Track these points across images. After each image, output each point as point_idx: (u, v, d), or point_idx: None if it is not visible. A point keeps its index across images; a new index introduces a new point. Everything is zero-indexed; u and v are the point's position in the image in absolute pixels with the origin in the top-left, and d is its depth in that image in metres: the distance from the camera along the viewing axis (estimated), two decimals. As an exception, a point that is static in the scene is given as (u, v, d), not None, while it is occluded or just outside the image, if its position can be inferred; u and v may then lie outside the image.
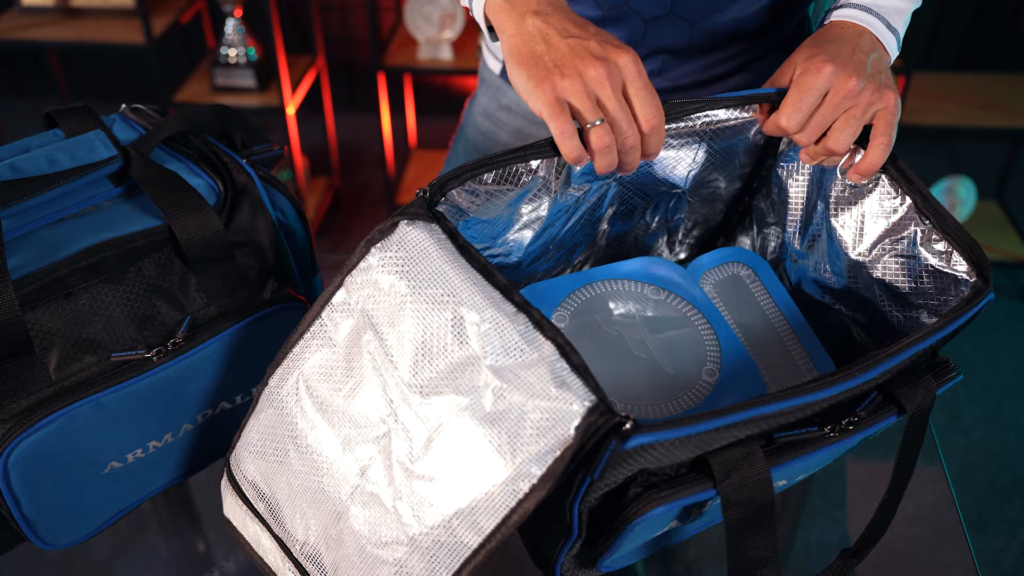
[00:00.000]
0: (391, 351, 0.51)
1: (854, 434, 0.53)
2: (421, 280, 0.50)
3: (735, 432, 0.49)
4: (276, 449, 0.58)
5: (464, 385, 0.48)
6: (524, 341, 0.46)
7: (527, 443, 0.45)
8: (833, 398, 0.51)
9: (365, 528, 0.52)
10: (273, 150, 0.74)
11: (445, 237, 0.52)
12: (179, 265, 0.63)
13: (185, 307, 0.63)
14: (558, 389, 0.44)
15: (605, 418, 0.43)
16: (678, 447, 0.47)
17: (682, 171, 0.72)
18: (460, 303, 0.49)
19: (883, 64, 0.63)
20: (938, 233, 0.61)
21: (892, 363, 0.52)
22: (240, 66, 2.12)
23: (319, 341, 0.55)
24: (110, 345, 0.60)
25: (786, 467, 0.52)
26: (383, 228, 0.52)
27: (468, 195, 0.60)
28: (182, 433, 0.66)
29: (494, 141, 0.94)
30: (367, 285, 0.52)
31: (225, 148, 0.70)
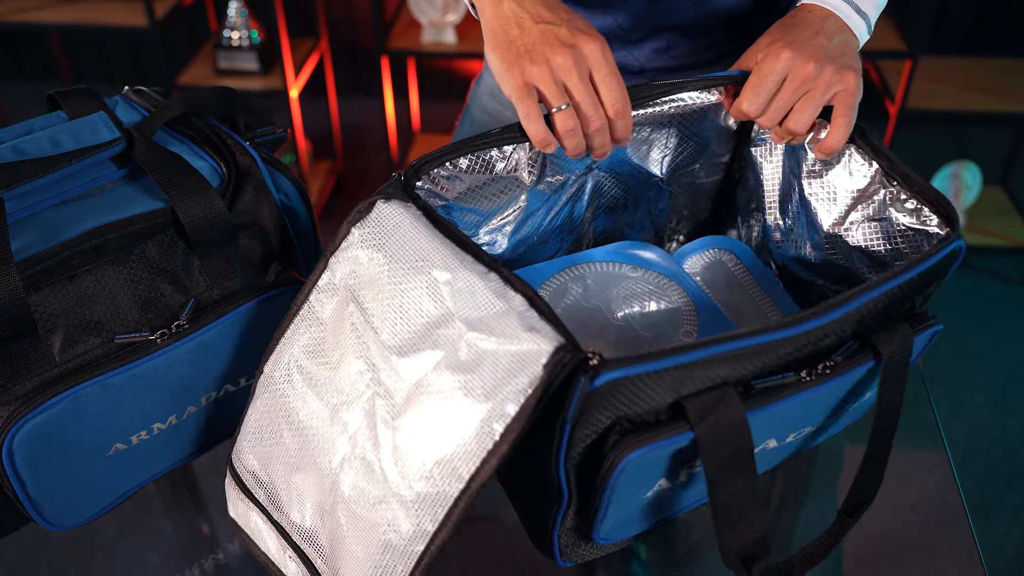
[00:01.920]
0: (372, 318, 0.53)
1: (831, 379, 0.54)
2: (396, 250, 0.53)
3: (708, 372, 0.50)
4: (272, 432, 0.59)
5: (439, 340, 0.50)
6: (495, 295, 0.49)
7: (499, 385, 0.46)
8: (805, 337, 0.52)
9: (355, 493, 0.53)
10: (276, 133, 0.74)
11: (420, 214, 0.55)
12: (182, 247, 0.63)
13: (189, 289, 0.63)
14: (527, 333, 0.47)
15: (572, 355, 0.45)
16: (650, 386, 0.48)
17: (656, 156, 0.73)
18: (433, 266, 0.51)
19: (848, 47, 0.65)
20: (906, 192, 0.63)
21: (862, 300, 0.53)
22: (243, 49, 2.11)
23: (307, 323, 0.57)
24: (114, 327, 0.60)
25: (764, 412, 0.52)
26: (361, 208, 0.55)
27: (446, 181, 0.63)
28: (186, 415, 0.66)
29: (500, 121, 0.94)
30: (348, 261, 0.55)
31: (228, 131, 0.69)
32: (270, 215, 0.67)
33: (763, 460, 0.61)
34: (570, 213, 0.73)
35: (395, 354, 0.51)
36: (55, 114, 0.68)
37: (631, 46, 0.82)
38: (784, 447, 0.61)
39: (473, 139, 0.63)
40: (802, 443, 0.63)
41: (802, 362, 0.54)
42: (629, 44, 0.81)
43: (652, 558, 0.68)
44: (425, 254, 0.52)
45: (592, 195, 0.74)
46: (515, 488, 0.63)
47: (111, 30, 2.06)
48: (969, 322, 2.04)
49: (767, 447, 0.59)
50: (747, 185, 0.78)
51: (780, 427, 0.57)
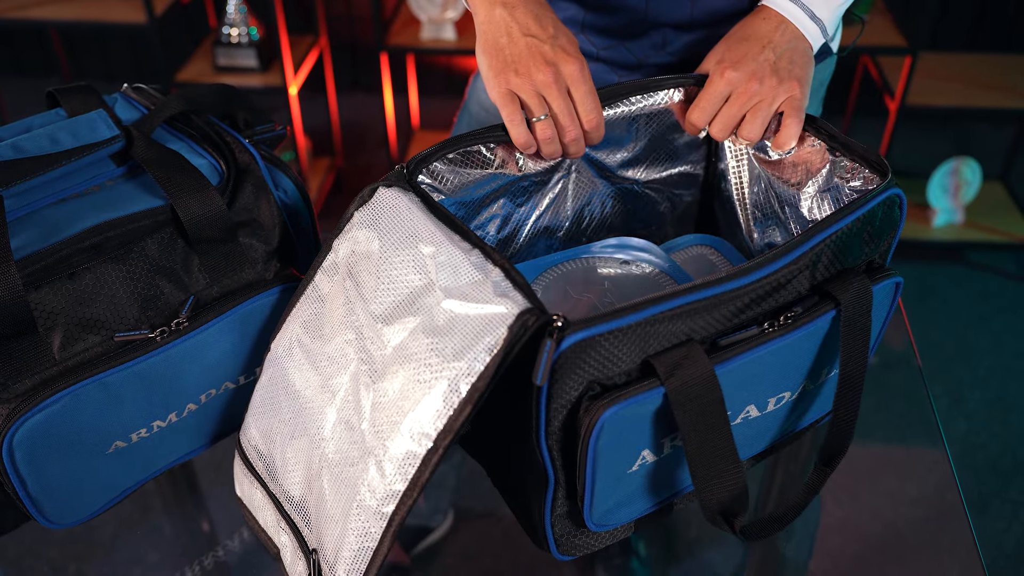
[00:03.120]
0: (363, 290, 0.56)
1: (793, 330, 0.56)
2: (389, 228, 0.57)
3: (672, 327, 0.52)
4: (272, 404, 0.61)
5: (419, 307, 0.53)
6: (474, 268, 0.52)
7: (468, 347, 0.49)
8: (761, 286, 0.54)
9: (338, 457, 0.55)
10: (276, 130, 0.74)
11: (417, 199, 0.58)
12: (182, 245, 0.63)
13: (188, 287, 0.63)
14: (498, 298, 0.49)
15: (536, 317, 0.48)
16: (617, 346, 0.50)
17: (627, 157, 0.77)
18: (420, 241, 0.55)
19: (798, 54, 0.70)
20: (847, 159, 0.67)
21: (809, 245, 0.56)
22: (242, 46, 2.11)
23: (310, 300, 0.60)
24: (114, 325, 0.60)
25: (732, 366, 0.54)
26: (364, 194, 0.59)
27: (443, 175, 0.66)
28: (186, 413, 0.66)
29: (497, 117, 0.93)
30: (349, 241, 0.59)
31: (227, 128, 0.69)
32: (269, 212, 0.67)
33: (751, 435, 0.62)
34: (555, 214, 0.76)
35: (380, 321, 0.54)
36: (54, 111, 0.68)
37: (628, 41, 0.82)
38: (769, 419, 0.62)
39: (466, 136, 0.66)
40: (791, 417, 0.64)
41: (764, 316, 0.56)
42: (626, 39, 0.82)
43: (651, 554, 0.68)
44: (415, 231, 0.55)
45: (575, 197, 0.77)
46: (509, 486, 0.64)
47: (110, 27, 2.05)
48: (968, 318, 2.04)
49: (749, 416, 0.60)
50: (723, 196, 0.81)
51: (755, 389, 0.59)
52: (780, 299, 0.56)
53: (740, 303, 0.54)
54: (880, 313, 0.63)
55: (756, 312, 0.55)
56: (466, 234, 0.55)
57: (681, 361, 0.52)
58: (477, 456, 0.67)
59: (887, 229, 0.62)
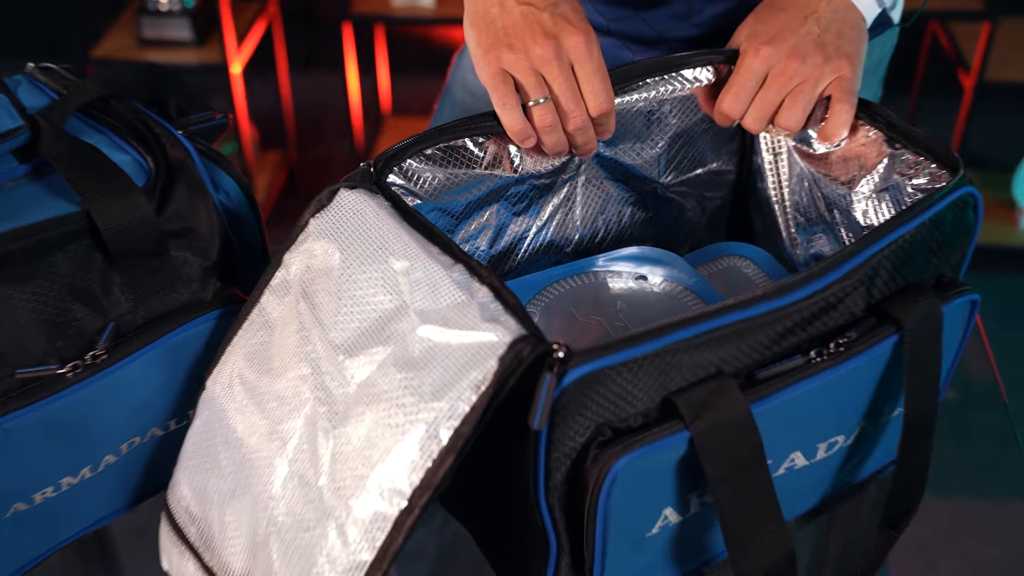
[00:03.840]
0: (321, 314, 0.56)
1: (847, 359, 0.56)
2: (353, 238, 0.57)
3: (698, 358, 0.52)
4: (208, 455, 0.61)
5: (390, 335, 0.53)
6: (457, 287, 0.52)
7: (450, 383, 0.49)
8: (806, 306, 0.54)
9: (289, 520, 0.55)
10: (215, 119, 0.74)
11: (387, 203, 0.58)
12: (100, 260, 0.63)
13: (107, 311, 0.63)
14: (486, 323, 0.49)
15: (532, 346, 0.48)
16: (631, 381, 0.50)
17: (650, 156, 0.77)
18: (391, 254, 0.55)
19: (847, 26, 0.70)
20: (908, 152, 0.67)
21: (865, 255, 0.56)
22: (173, 14, 2.12)
23: (255, 327, 0.60)
24: (14, 359, 0.60)
25: (773, 405, 0.54)
26: (322, 198, 0.60)
27: (419, 175, 0.66)
28: (103, 467, 0.66)
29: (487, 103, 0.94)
30: (303, 255, 0.59)
31: (156, 117, 0.70)
32: (207, 219, 0.67)
33: (798, 489, 0.62)
34: (561, 225, 0.77)
35: (342, 353, 0.54)
36: (-58, 98, 0.68)
37: (645, 11, 0.82)
38: (820, 469, 0.62)
39: (449, 127, 0.66)
40: (846, 466, 0.64)
41: (811, 342, 0.56)
42: (643, 8, 0.82)
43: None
44: (384, 242, 0.56)
45: (585, 205, 0.77)
46: (501, 555, 0.64)
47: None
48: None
49: (795, 465, 0.60)
50: (760, 198, 0.81)
51: (802, 432, 0.58)
52: (830, 322, 0.56)
53: (781, 327, 0.54)
54: (953, 338, 0.63)
55: (801, 338, 0.56)
56: (447, 246, 0.55)
57: (710, 399, 0.52)
58: (461, 518, 0.67)
59: (959, 236, 0.62)
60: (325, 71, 2.72)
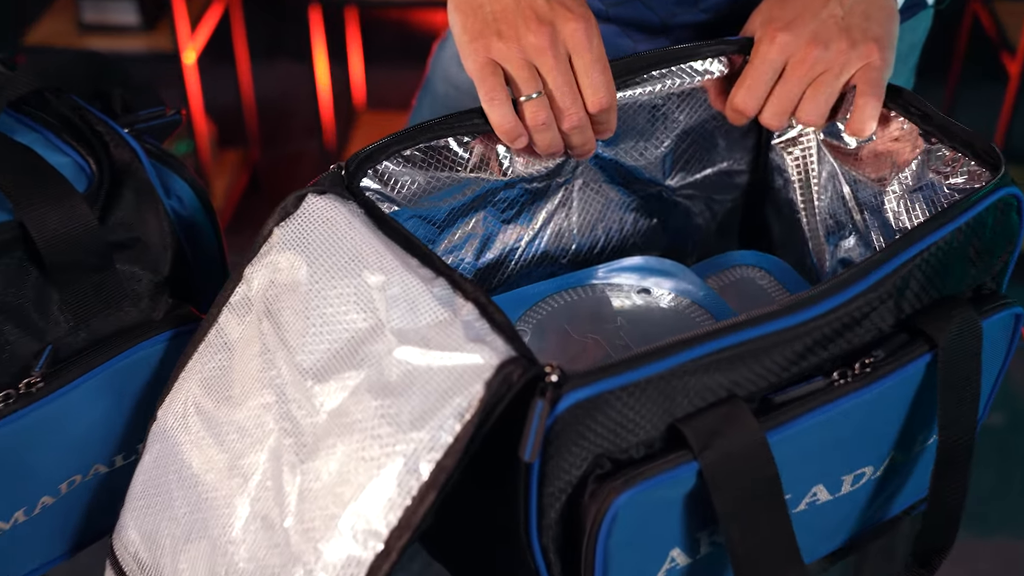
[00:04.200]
0: (287, 335, 0.57)
1: (874, 381, 0.56)
2: (323, 250, 0.57)
3: (707, 380, 0.52)
4: (160, 494, 0.61)
5: (364, 357, 0.53)
6: (439, 303, 0.52)
7: (431, 411, 0.49)
8: (828, 322, 0.55)
9: (251, 566, 0.54)
10: (167, 115, 0.74)
11: (360, 211, 0.59)
12: (35, 275, 0.63)
13: (44, 333, 0.63)
14: (472, 343, 0.50)
15: (523, 369, 0.48)
16: (633, 406, 0.51)
17: (654, 156, 0.77)
18: (364, 267, 0.55)
19: (873, 8, 0.69)
20: (945, 147, 0.67)
21: (895, 264, 0.56)
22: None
23: (213, 350, 0.60)
24: (-60, 387, 0.60)
25: (791, 432, 0.54)
26: (287, 204, 0.60)
27: (397, 179, 0.66)
28: (39, 509, 0.66)
29: (472, 97, 0.93)
30: (267, 269, 0.59)
31: (99, 113, 0.70)
32: (158, 229, 0.67)
33: (821, 526, 0.62)
34: (556, 234, 0.77)
35: (310, 378, 0.54)
36: None
37: None
38: (845, 504, 0.62)
39: (430, 125, 0.66)
40: (875, 501, 0.64)
41: (834, 362, 0.56)
42: None
43: None
44: (357, 254, 0.56)
45: (583, 211, 0.78)
46: None
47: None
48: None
49: (816, 500, 0.60)
50: (777, 199, 0.82)
51: (824, 463, 0.58)
52: (855, 340, 0.57)
53: (801, 346, 0.54)
54: (995, 357, 0.63)
55: (822, 358, 0.56)
56: (427, 258, 0.55)
57: (721, 426, 0.52)
58: (445, 560, 0.67)
59: (1001, 242, 0.62)
60: (291, 60, 2.72)
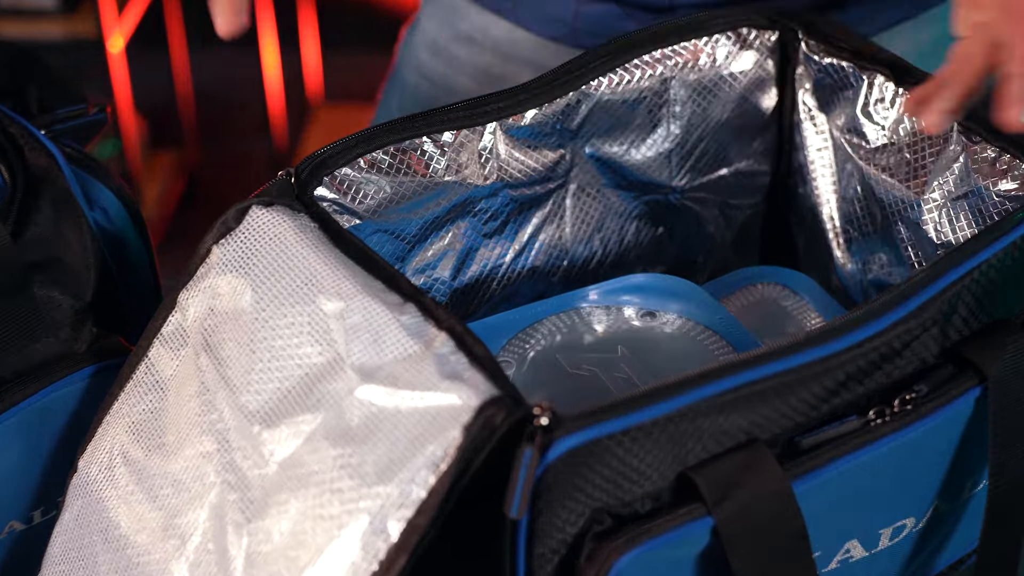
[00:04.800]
0: (229, 372, 0.56)
1: (917, 420, 0.56)
2: (270, 271, 0.57)
3: (723, 422, 0.52)
4: (82, 556, 0.60)
5: (319, 397, 0.53)
6: (408, 333, 0.52)
7: (400, 461, 0.49)
8: (863, 352, 0.54)
9: None
10: (90, 113, 0.74)
11: (313, 225, 0.58)
12: (-63, 302, 0.63)
13: (-52, 370, 0.63)
14: (446, 381, 0.49)
15: (507, 411, 0.47)
16: (637, 453, 0.50)
17: (659, 152, 0.77)
18: (320, 292, 0.55)
19: None
20: (990, 146, 0.67)
21: (940, 286, 0.56)
22: (33, -26, 2.12)
23: (143, 390, 0.60)
24: None
25: (821, 481, 0.54)
26: (228, 218, 0.59)
27: (360, 187, 0.66)
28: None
29: (447, 89, 0.95)
30: (205, 295, 0.59)
31: (10, 113, 0.70)
32: (80, 247, 0.67)
33: None
34: (547, 247, 0.77)
35: (257, 423, 0.54)
36: None
37: None
38: (882, 561, 0.62)
39: (400, 123, 0.67)
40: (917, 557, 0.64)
41: (870, 399, 0.56)
42: None
43: None
44: (311, 276, 0.56)
45: (578, 220, 0.78)
46: None
47: None
48: None
49: (850, 557, 0.60)
50: (802, 206, 0.82)
51: (859, 515, 0.58)
52: (895, 373, 0.57)
53: (833, 381, 0.55)
54: None
55: (857, 394, 0.56)
56: (394, 280, 0.55)
57: (739, 475, 0.52)
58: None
59: None
60: (234, 46, 2.71)
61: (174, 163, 2.42)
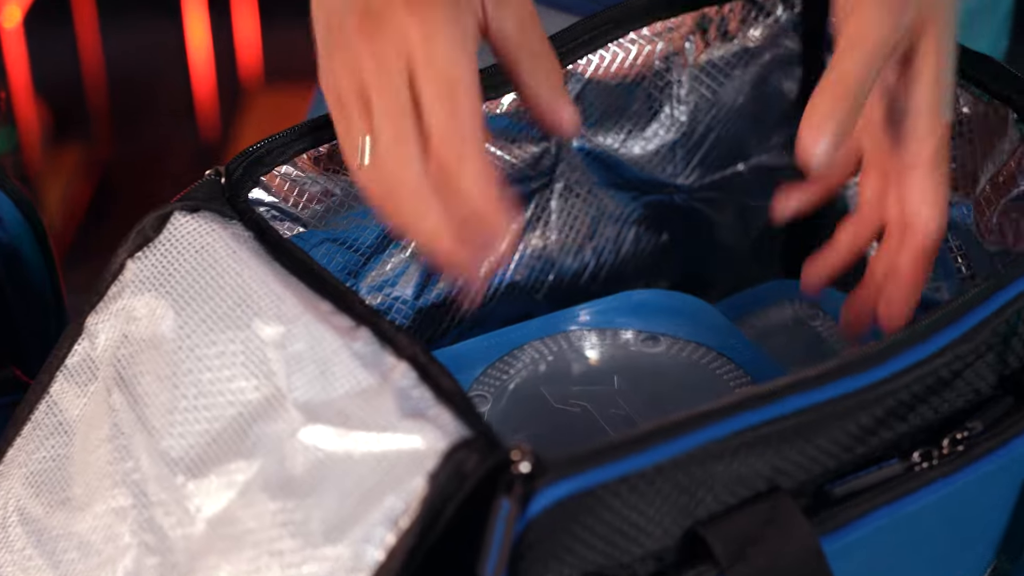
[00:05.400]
0: (147, 414, 0.56)
1: (971, 463, 0.56)
2: (195, 291, 0.57)
3: (740, 467, 0.52)
4: None
5: (255, 441, 0.53)
6: (360, 363, 0.52)
7: (352, 516, 0.48)
8: (906, 384, 0.54)
9: None
10: (-22, 101, 0.75)
11: (248, 234, 0.59)
12: None
13: None
14: (408, 421, 0.49)
15: (480, 455, 0.47)
16: (637, 504, 0.50)
17: (661, 146, 0.78)
18: (255, 315, 0.55)
19: None
20: None
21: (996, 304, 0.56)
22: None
23: (43, 434, 0.60)
24: None
25: (853, 537, 0.54)
26: (145, 227, 0.60)
27: (298, 185, 0.66)
28: None
29: None
30: (118, 318, 0.59)
31: None
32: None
33: None
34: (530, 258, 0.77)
35: (182, 472, 0.54)
36: None
37: None
38: None
39: None
40: None
41: (914, 439, 0.56)
42: None
43: None
44: (245, 296, 0.56)
45: (565, 226, 0.78)
46: None
47: None
48: None
49: None
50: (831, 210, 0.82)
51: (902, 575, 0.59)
52: (944, 407, 0.57)
53: (869, 418, 0.55)
54: None
55: (899, 433, 0.56)
56: (344, 300, 0.55)
57: (758, 531, 0.52)
58: None
59: None
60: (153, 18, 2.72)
61: (81, 159, 2.41)
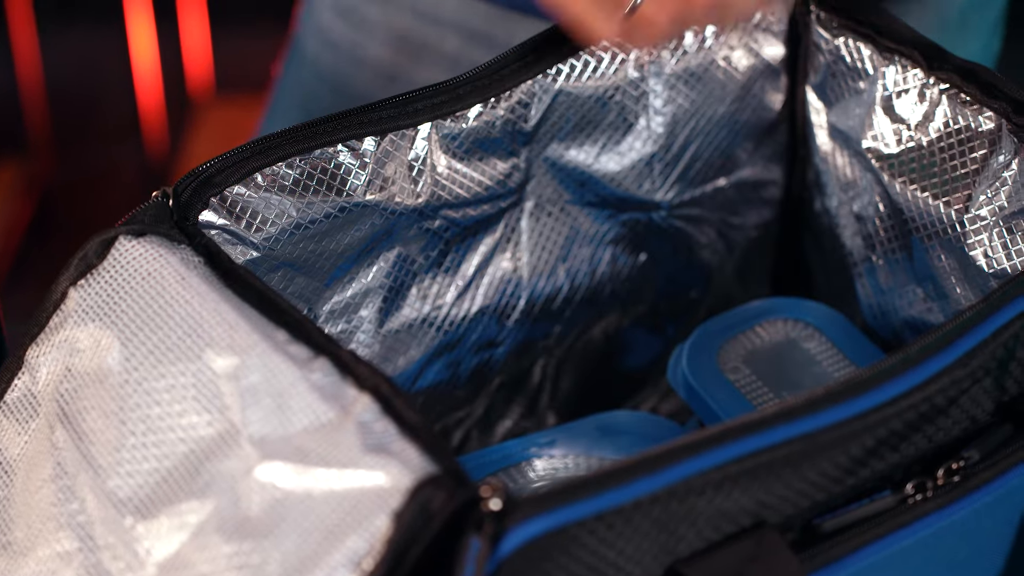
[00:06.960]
0: (93, 452, 0.56)
1: (966, 495, 0.57)
2: (143, 320, 0.58)
3: (724, 501, 0.52)
4: None
5: (208, 480, 0.53)
6: (319, 395, 0.53)
7: (311, 558, 0.49)
8: (898, 410, 0.55)
9: None
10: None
11: (198, 260, 0.60)
12: None
13: None
14: (372, 455, 0.50)
15: (448, 492, 0.48)
16: (614, 542, 0.50)
17: (639, 157, 0.79)
18: (207, 345, 0.55)
19: None
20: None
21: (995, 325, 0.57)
22: None
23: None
24: None
25: (844, 570, 0.55)
26: (88, 253, 0.60)
27: (251, 206, 0.66)
28: None
29: (355, 60, 0.97)
30: (60, 351, 0.59)
31: None
32: None
33: None
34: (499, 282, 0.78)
35: (130, 513, 0.54)
36: None
37: None
38: None
39: (308, 127, 0.67)
40: None
41: (908, 469, 0.57)
42: None
43: None
44: (197, 326, 0.56)
45: (537, 247, 0.78)
46: None
47: None
48: None
49: None
50: (819, 226, 0.83)
51: None
52: (937, 436, 0.57)
53: (859, 448, 0.55)
54: None
55: (891, 463, 0.57)
56: (301, 328, 0.55)
57: (744, 569, 0.52)
58: None
59: None
60: (95, 24, 2.71)
61: (18, 178, 2.41)
